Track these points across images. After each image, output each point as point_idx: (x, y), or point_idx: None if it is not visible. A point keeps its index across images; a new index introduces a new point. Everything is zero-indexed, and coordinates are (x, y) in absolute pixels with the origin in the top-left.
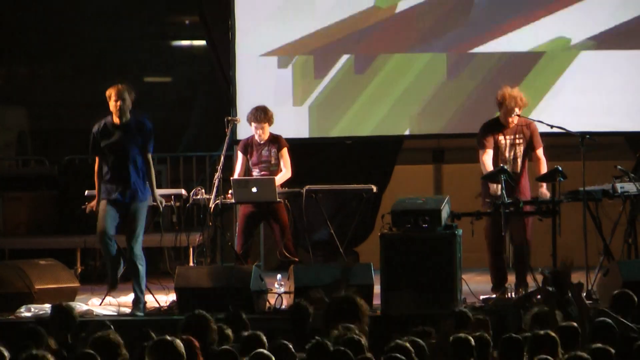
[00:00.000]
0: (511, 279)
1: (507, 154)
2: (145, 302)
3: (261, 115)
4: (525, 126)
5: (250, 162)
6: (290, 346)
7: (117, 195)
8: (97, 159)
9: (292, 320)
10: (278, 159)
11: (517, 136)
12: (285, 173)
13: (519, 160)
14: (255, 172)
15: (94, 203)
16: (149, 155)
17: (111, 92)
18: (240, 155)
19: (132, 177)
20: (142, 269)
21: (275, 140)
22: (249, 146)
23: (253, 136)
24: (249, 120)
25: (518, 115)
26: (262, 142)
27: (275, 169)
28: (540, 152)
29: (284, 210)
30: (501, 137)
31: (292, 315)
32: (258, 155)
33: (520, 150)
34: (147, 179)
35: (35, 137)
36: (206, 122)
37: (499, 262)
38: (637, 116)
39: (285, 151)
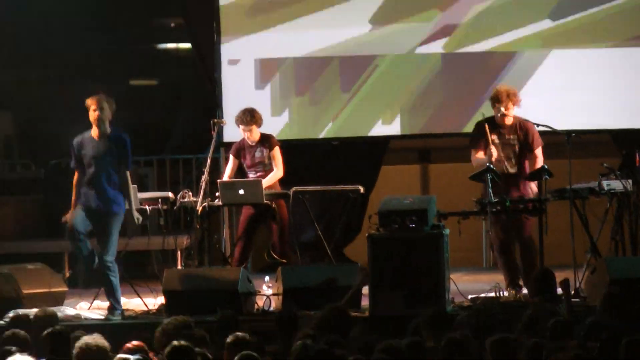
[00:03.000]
0: (500, 278)
1: (498, 154)
2: (123, 311)
3: (248, 117)
4: (520, 127)
5: (244, 165)
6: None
7: (92, 204)
8: (76, 173)
9: (280, 324)
10: (270, 160)
11: (511, 137)
12: (276, 172)
13: (513, 161)
14: (252, 174)
15: (69, 214)
16: (127, 173)
17: (90, 102)
18: (231, 158)
19: (108, 190)
20: (114, 280)
21: (266, 140)
22: (241, 149)
23: (245, 139)
24: (237, 123)
25: (505, 114)
26: (253, 143)
27: (270, 169)
28: (538, 151)
29: (285, 210)
30: (494, 137)
31: (279, 320)
32: (251, 157)
33: (513, 150)
34: (125, 196)
35: (21, 142)
36: (192, 125)
37: (508, 260)
38: (623, 114)
39: (276, 150)
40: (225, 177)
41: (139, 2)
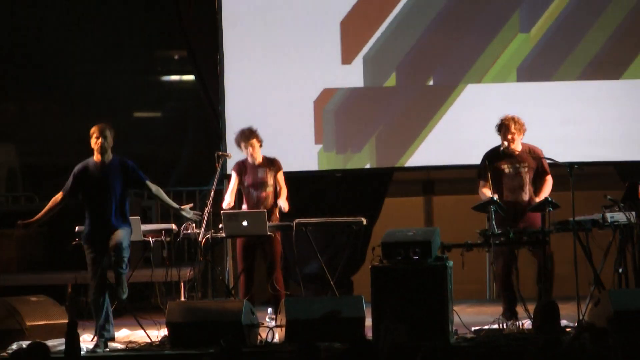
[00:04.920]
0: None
1: (510, 183)
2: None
3: (246, 132)
4: (530, 154)
5: (245, 183)
6: None
7: (97, 237)
8: (61, 194)
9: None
10: (274, 180)
11: (522, 165)
12: (284, 191)
13: (525, 189)
14: (254, 193)
15: (28, 221)
16: (149, 184)
17: (93, 131)
18: (234, 175)
19: (113, 215)
20: (126, 261)
21: (272, 163)
22: (244, 167)
23: (247, 158)
24: (237, 142)
25: (510, 142)
26: (256, 163)
27: (272, 190)
28: (549, 177)
29: (277, 243)
30: (505, 166)
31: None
32: (254, 176)
33: (525, 179)
34: (163, 201)
35: (25, 174)
36: (196, 157)
37: (506, 290)
38: (626, 146)
39: (281, 174)
40: (229, 193)
41: (143, 35)
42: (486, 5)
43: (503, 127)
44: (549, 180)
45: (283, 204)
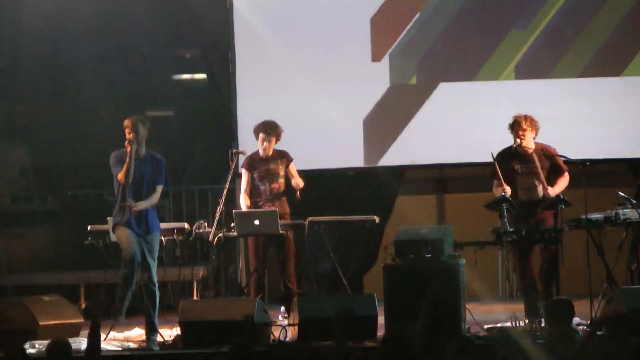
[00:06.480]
0: (515, 307)
1: (524, 182)
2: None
3: (269, 128)
4: (543, 153)
5: (255, 177)
6: None
7: (134, 227)
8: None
9: None
10: (285, 172)
11: (534, 164)
12: (299, 180)
13: (538, 189)
14: (263, 187)
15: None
16: (159, 187)
17: (126, 124)
18: (245, 172)
19: (146, 211)
20: (157, 297)
21: (282, 155)
22: (253, 162)
23: (257, 152)
24: (257, 131)
25: (522, 140)
26: (265, 157)
27: (282, 181)
28: (566, 174)
29: (289, 241)
30: (517, 166)
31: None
32: (265, 169)
33: (537, 178)
34: (148, 201)
35: (37, 173)
36: (208, 156)
37: (526, 288)
38: (638, 143)
39: (293, 165)
40: (242, 190)
41: (155, 33)
42: (496, 3)
43: (515, 125)
44: (566, 176)
45: (297, 182)
